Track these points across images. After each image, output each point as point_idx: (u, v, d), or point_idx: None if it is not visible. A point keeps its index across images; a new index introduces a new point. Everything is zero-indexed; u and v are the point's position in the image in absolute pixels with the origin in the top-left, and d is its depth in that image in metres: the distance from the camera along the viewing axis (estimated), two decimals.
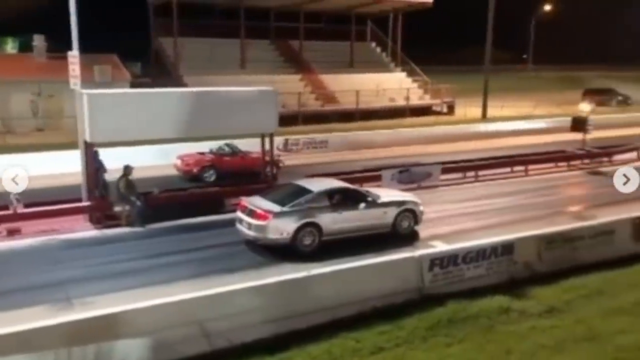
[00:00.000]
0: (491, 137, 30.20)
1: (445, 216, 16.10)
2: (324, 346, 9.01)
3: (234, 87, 18.84)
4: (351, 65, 41.61)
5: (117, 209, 15.11)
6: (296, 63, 39.93)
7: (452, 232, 14.56)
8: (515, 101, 44.50)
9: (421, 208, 14.72)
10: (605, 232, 13.10)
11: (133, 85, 30.96)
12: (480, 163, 21.63)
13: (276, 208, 12.89)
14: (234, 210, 16.13)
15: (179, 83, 32.09)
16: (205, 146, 20.81)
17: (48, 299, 10.57)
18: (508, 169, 21.78)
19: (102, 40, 32.72)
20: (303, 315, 9.51)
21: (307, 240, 12.98)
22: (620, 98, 48.96)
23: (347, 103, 36.79)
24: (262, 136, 17.39)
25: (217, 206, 16.33)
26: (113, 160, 15.88)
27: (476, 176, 20.83)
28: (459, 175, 20.75)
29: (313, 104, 36.44)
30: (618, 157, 24.39)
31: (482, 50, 39.34)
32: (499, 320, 9.97)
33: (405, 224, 14.32)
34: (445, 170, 20.40)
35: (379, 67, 42.72)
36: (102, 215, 15.05)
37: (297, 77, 38.49)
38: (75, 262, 12.50)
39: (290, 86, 34.73)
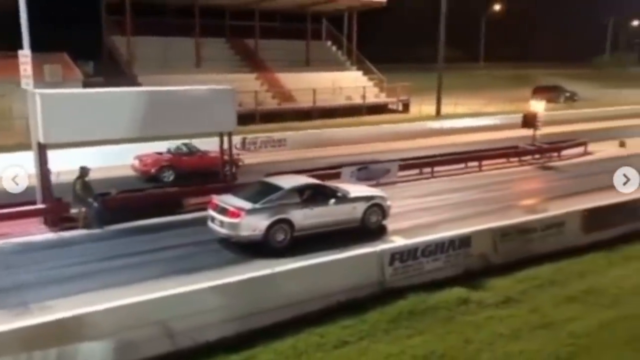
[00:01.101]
0: (445, 134, 30.84)
1: (404, 212, 16.38)
2: (289, 342, 9.11)
3: (190, 86, 18.70)
4: (307, 63, 41.72)
5: (74, 211, 14.80)
6: (252, 62, 39.77)
7: (412, 227, 14.88)
8: (468, 99, 45.50)
9: (388, 203, 15.07)
10: (556, 224, 13.60)
11: (85, 84, 30.23)
12: (436, 159, 22.07)
13: (248, 205, 13.02)
14: (192, 211, 16.22)
15: (133, 82, 31.49)
16: (162, 146, 20.56)
17: (3, 304, 10.32)
18: (462, 165, 22.31)
19: (51, 38, 31.68)
20: (268, 312, 9.57)
21: (280, 237, 13.18)
22: (567, 95, 50.64)
23: (304, 101, 36.90)
24: (221, 135, 17.32)
25: (175, 206, 16.22)
26: (64, 162, 15.59)
27: (432, 172, 21.26)
28: (416, 171, 21.16)
29: (270, 103, 36.40)
30: (566, 152, 25.27)
31: (435, 48, 40.09)
32: (458, 311, 10.26)
33: (373, 218, 14.66)
34: (403, 167, 20.75)
35: (335, 65, 42.95)
36: (58, 218, 14.71)
37: (253, 75, 38.35)
38: (31, 266, 12.22)
39: (247, 85, 34.58)
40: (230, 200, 13.38)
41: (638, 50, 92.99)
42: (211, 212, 13.58)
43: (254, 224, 12.90)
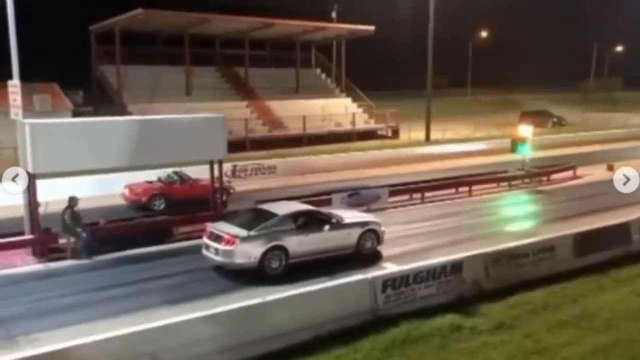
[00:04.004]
0: (435, 160, 30.99)
1: (395, 237, 16.32)
2: None
3: (180, 114, 18.74)
4: (297, 91, 42.06)
5: (62, 241, 14.64)
6: (242, 89, 40.02)
7: (402, 253, 14.83)
8: (456, 124, 45.90)
9: (383, 228, 15.06)
10: (547, 248, 13.61)
11: (75, 114, 30.28)
12: (426, 185, 22.14)
13: (243, 233, 12.96)
14: (182, 239, 16.10)
15: (123, 111, 31.56)
16: (153, 174, 20.49)
17: None
18: (453, 190, 22.37)
19: (41, 68, 31.78)
20: (259, 342, 9.45)
21: (275, 264, 13.12)
22: (555, 119, 51.27)
23: (294, 128, 37.07)
24: (211, 163, 17.29)
25: (165, 235, 16.10)
26: (55, 191, 15.49)
27: (422, 198, 21.30)
28: (406, 197, 21.18)
29: (260, 130, 36.52)
30: (556, 176, 25.45)
31: (422, 75, 40.51)
32: (451, 338, 10.17)
33: (368, 244, 14.65)
34: (393, 193, 20.78)
35: (324, 92, 43.32)
36: (45, 249, 14.54)
37: (244, 103, 38.55)
38: (17, 298, 12.01)
39: (237, 113, 34.70)
40: (224, 228, 13.31)
41: (622, 74, 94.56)
42: (206, 240, 13.49)
43: (249, 252, 12.84)
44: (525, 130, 25.99)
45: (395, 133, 41.92)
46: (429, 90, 40.11)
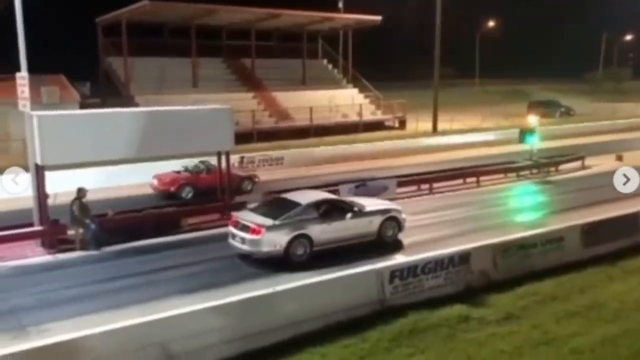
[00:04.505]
0: (443, 150, 30.90)
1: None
2: None
3: (187, 105, 18.74)
4: (303, 82, 41.93)
5: (71, 232, 14.73)
6: (249, 81, 39.96)
7: (411, 244, 14.84)
8: (464, 115, 45.66)
9: (403, 216, 15.26)
10: (556, 239, 13.57)
11: (82, 106, 30.29)
12: (434, 176, 22.08)
13: (268, 222, 13.24)
14: (190, 230, 16.16)
15: (130, 103, 31.60)
16: (172, 165, 20.70)
17: (1, 327, 10.21)
18: (460, 181, 22.31)
19: (48, 60, 31.82)
20: (268, 332, 9.50)
21: (300, 251, 13.42)
22: (563, 109, 50.91)
23: (301, 120, 37.01)
24: (219, 154, 17.33)
25: (173, 227, 16.15)
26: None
27: (430, 188, 21.24)
28: (414, 188, 21.13)
29: (267, 122, 36.49)
30: (564, 167, 25.32)
31: (429, 65, 40.29)
32: (459, 328, 10.18)
33: (389, 232, 14.90)
34: (401, 184, 20.74)
35: (331, 83, 43.18)
36: (54, 240, 14.63)
37: (250, 94, 38.50)
38: (27, 288, 12.11)
39: (244, 104, 34.67)
40: (250, 217, 13.61)
41: (631, 64, 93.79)
42: (232, 230, 13.77)
43: (275, 240, 13.13)
44: (531, 120, 25.81)
45: (402, 124, 41.77)
46: (436, 81, 39.89)
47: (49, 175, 14.68)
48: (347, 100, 41.06)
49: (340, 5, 45.90)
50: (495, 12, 74.54)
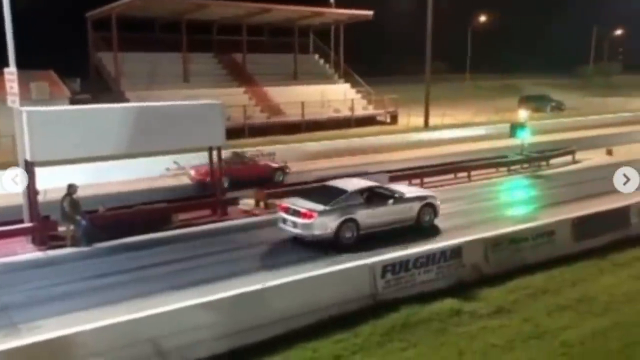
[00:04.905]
0: (434, 145, 30.95)
1: None
2: (281, 357, 9.02)
3: (178, 101, 18.67)
4: (295, 77, 41.85)
5: (62, 229, 14.64)
6: (240, 76, 39.84)
7: (400, 239, 14.82)
8: (455, 109, 45.77)
9: (438, 202, 15.99)
10: (547, 233, 13.64)
11: (72, 102, 30.13)
12: (425, 170, 22.11)
13: (319, 207, 14.13)
14: (182, 226, 16.10)
15: (121, 99, 31.39)
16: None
17: None
18: (452, 175, 22.35)
19: (38, 56, 31.62)
20: (260, 328, 9.50)
21: (348, 234, 14.28)
22: (553, 104, 51.09)
23: (292, 115, 36.94)
24: (210, 149, 17.28)
25: (164, 222, 16.10)
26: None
27: (422, 183, 21.27)
28: (405, 183, 21.11)
29: (259, 117, 36.41)
30: (555, 161, 25.43)
31: (421, 61, 40.29)
32: (450, 322, 10.23)
33: (427, 217, 15.74)
34: (392, 179, 20.69)
35: (322, 78, 43.13)
36: (45, 237, 14.54)
37: (242, 90, 38.39)
38: (19, 285, 12.02)
39: (235, 99, 34.58)
40: (301, 203, 14.47)
41: (621, 59, 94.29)
42: (282, 215, 14.63)
43: (326, 224, 14.01)
44: (522, 114, 25.90)
45: (394, 119, 41.80)
46: (428, 76, 39.90)
47: (57, 170, 14.57)
48: (339, 95, 41.04)
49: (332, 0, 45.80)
50: (487, 7, 74.74)
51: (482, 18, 75.34)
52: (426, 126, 38.61)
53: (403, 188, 16.36)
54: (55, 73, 32.72)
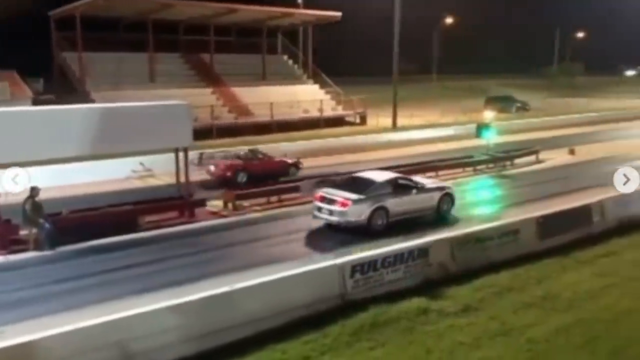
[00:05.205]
0: (403, 146, 31.14)
1: None
2: (251, 359, 8.96)
3: (144, 102, 18.40)
4: (264, 77, 41.71)
5: (24, 232, 14.28)
6: (207, 76, 39.52)
7: (370, 239, 14.89)
8: (423, 110, 46.22)
9: (454, 192, 17.23)
10: (512, 231, 13.87)
11: (35, 102, 29.49)
12: (394, 171, 22.18)
13: (354, 196, 15.22)
14: (149, 229, 15.88)
15: (86, 99, 30.84)
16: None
17: None
18: (421, 175, 22.48)
19: (0, 57, 30.92)
20: (228, 330, 9.42)
21: (379, 221, 15.40)
22: (518, 105, 51.99)
23: (261, 115, 36.80)
24: (176, 151, 17.08)
25: (131, 225, 15.84)
26: None
27: None
28: None
29: (227, 117, 36.17)
30: (519, 161, 25.87)
31: (389, 62, 40.55)
32: (418, 321, 10.30)
33: (445, 206, 16.99)
34: None
35: (291, 79, 43.09)
36: (6, 241, 14.15)
37: (209, 90, 38.09)
38: None
39: (203, 99, 34.29)
40: (336, 193, 15.50)
41: (583, 60, 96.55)
42: (317, 204, 15.63)
43: (360, 212, 15.10)
44: (488, 115, 26.30)
45: (363, 119, 42.00)
46: (395, 77, 40.18)
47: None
48: (308, 96, 41.07)
49: (300, 0, 45.77)
50: (454, 9, 75.60)
51: (449, 20, 76.23)
52: (394, 127, 38.90)
53: (424, 180, 17.68)
54: (17, 73, 31.95)
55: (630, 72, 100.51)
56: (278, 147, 27.21)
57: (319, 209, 15.56)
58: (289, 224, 16.59)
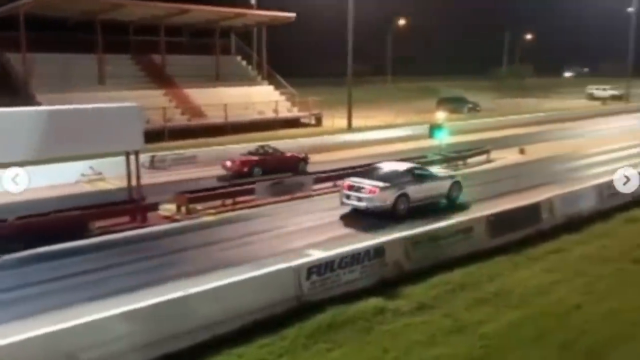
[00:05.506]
0: (358, 147, 31.27)
1: (319, 225, 16.52)
2: None
3: (93, 104, 17.93)
4: (217, 79, 41.25)
5: None
6: (159, 78, 38.82)
7: (329, 240, 14.93)
8: (378, 111, 46.61)
9: (461, 181, 19.11)
10: (464, 229, 14.10)
11: None
12: (350, 172, 22.22)
13: (380, 184, 16.98)
14: (99, 234, 15.44)
15: (32, 102, 29.83)
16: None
17: None
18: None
19: None
20: (183, 336, 9.25)
21: (402, 206, 17.13)
22: (470, 105, 53.03)
23: (215, 117, 36.38)
24: (127, 154, 16.68)
25: (80, 230, 15.38)
26: None
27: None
28: (330, 184, 21.25)
29: (179, 119, 35.62)
30: (471, 160, 26.37)
31: (344, 63, 40.73)
32: (375, 321, 10.34)
33: (454, 193, 18.80)
34: (317, 180, 20.83)
35: (245, 80, 42.79)
36: None
37: (161, 92, 37.43)
38: None
39: (155, 101, 33.68)
40: (364, 181, 17.21)
41: (532, 61, 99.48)
42: (346, 192, 17.38)
43: (386, 197, 16.86)
44: (440, 115, 26.72)
45: (319, 121, 42.05)
46: (350, 78, 40.37)
47: None
48: (263, 97, 40.86)
49: (254, 1, 45.51)
50: (407, 11, 76.72)
51: (402, 22, 77.24)
52: (350, 128, 39.09)
53: (435, 169, 19.86)
54: None
55: (568, 74, 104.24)
56: (225, 150, 27.08)
57: (348, 197, 17.26)
58: (244, 227, 16.44)
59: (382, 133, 35.20)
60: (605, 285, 12.09)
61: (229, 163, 23.40)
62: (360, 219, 17.12)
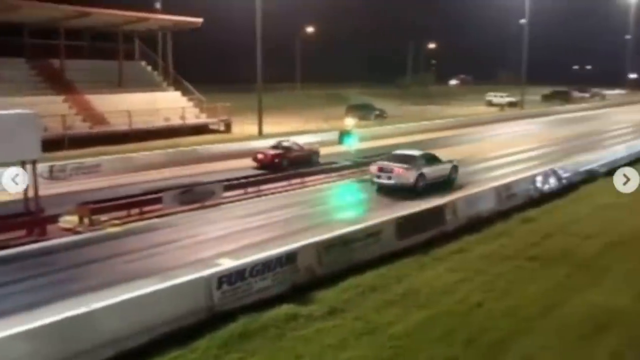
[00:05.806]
0: None
1: (231, 233, 16.33)
2: None
3: None
4: (120, 84, 39.71)
5: None
6: (58, 83, 36.80)
7: (239, 248, 14.76)
8: (288, 117, 46.75)
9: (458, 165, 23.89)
10: (374, 233, 14.42)
11: None
12: (260, 178, 22.29)
13: (405, 165, 21.35)
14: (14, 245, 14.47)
15: None
16: None
17: None
18: (287, 182, 22.74)
19: None
20: (88, 352, 8.84)
21: (420, 184, 21.42)
22: (377, 112, 54.34)
23: (119, 124, 34.96)
24: (23, 164, 15.67)
25: None
26: None
27: (258, 191, 21.37)
28: (241, 191, 21.07)
29: (80, 127, 33.94)
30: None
31: (254, 69, 40.46)
32: (287, 327, 10.35)
33: (453, 174, 23.49)
34: (227, 188, 20.57)
35: (150, 86, 41.49)
36: None
37: (60, 98, 35.46)
38: None
39: (53, 108, 31.90)
40: (390, 164, 21.58)
41: (434, 70, 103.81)
42: (376, 173, 21.78)
43: (410, 176, 21.21)
44: (349, 122, 27.29)
45: (228, 127, 41.50)
46: (259, 85, 40.19)
47: None
48: (169, 103, 39.80)
49: (158, 5, 44.28)
50: (316, 18, 77.65)
51: (310, 29, 78.10)
52: (260, 134, 38.91)
53: (437, 155, 23.28)
54: None
55: (453, 82, 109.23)
56: (130, 158, 26.23)
57: (379, 177, 21.64)
58: (151, 238, 15.93)
59: (293, 139, 35.23)
60: (504, 282, 12.78)
61: (260, 156, 26.65)
62: (271, 225, 17.10)
